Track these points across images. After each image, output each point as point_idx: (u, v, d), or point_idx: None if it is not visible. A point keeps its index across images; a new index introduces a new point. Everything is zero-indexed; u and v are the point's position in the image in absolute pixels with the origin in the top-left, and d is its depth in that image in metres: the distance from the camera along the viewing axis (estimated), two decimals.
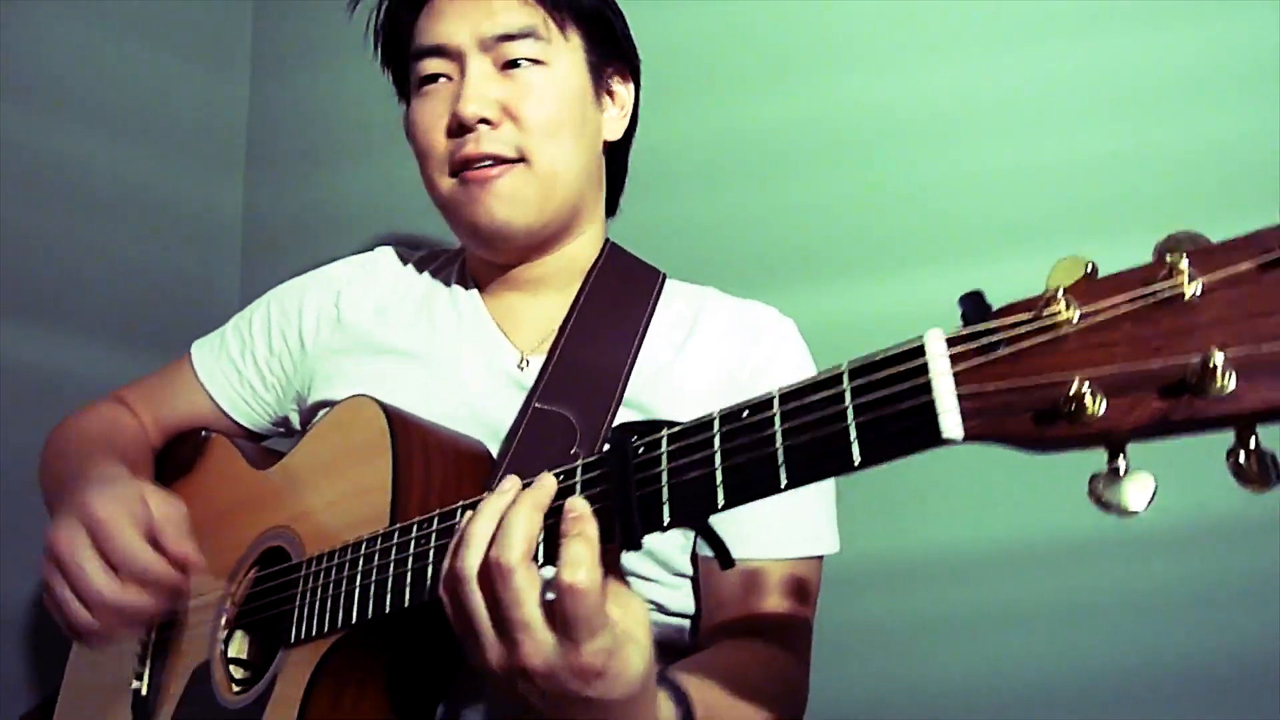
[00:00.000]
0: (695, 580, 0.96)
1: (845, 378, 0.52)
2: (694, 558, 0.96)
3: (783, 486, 0.53)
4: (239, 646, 0.94)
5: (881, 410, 0.49)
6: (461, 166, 0.97)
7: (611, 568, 0.64)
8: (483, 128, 0.96)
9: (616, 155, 1.13)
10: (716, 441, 0.58)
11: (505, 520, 0.63)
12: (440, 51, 0.99)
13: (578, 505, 0.63)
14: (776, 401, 0.56)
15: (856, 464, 0.50)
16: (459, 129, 0.97)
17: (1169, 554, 1.14)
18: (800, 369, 1.02)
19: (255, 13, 1.90)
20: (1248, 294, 0.39)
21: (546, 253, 1.05)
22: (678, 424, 0.62)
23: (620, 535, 0.62)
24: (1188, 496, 1.08)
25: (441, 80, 1.00)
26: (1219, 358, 0.38)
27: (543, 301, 1.06)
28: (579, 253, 1.07)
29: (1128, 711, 1.15)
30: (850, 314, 1.30)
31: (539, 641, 0.60)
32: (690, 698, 0.71)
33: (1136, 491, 0.42)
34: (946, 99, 1.32)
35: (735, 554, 0.89)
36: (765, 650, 0.87)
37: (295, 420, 1.14)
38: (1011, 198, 1.27)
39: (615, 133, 1.08)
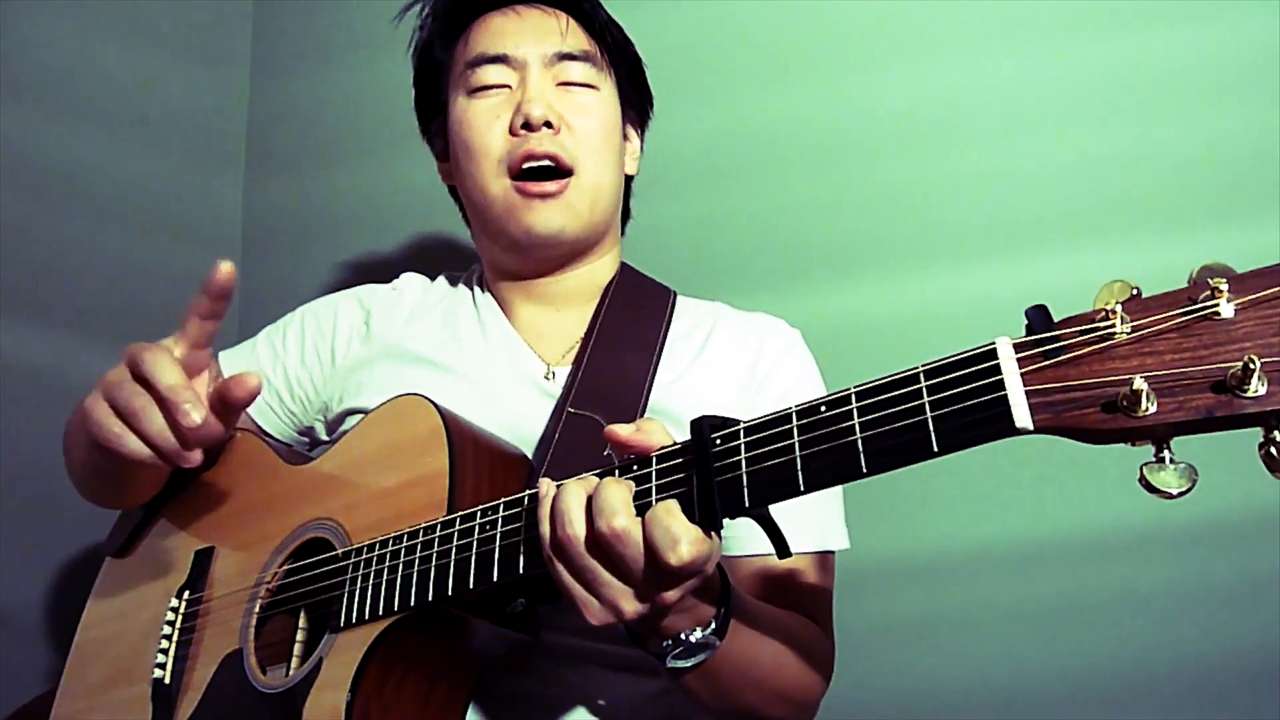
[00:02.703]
0: None
1: (921, 377, 0.60)
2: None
3: (864, 472, 0.61)
4: (271, 634, 0.96)
5: (957, 404, 0.57)
6: (522, 161, 1.04)
7: None
8: (545, 130, 1.04)
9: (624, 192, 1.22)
10: (795, 434, 0.65)
11: (600, 493, 0.69)
12: (504, 60, 1.08)
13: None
14: (854, 398, 0.63)
15: (935, 451, 0.58)
16: (524, 128, 1.04)
17: (1169, 554, 1.18)
18: (806, 375, 1.11)
19: (255, 13, 1.93)
20: (1277, 314, 0.48)
21: (571, 267, 1.13)
22: (752, 419, 0.69)
23: (700, 516, 0.68)
24: (1187, 497, 1.17)
25: (499, 89, 1.08)
26: (1257, 364, 0.47)
27: (563, 316, 1.13)
28: (597, 272, 1.15)
29: (1128, 711, 1.18)
30: (850, 313, 1.36)
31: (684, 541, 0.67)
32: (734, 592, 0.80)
33: (1179, 479, 0.51)
34: (946, 99, 1.36)
35: (753, 550, 0.97)
36: (799, 616, 0.95)
37: (321, 431, 1.18)
38: (1011, 198, 1.31)
39: (632, 169, 1.19)
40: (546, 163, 1.04)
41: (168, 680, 0.99)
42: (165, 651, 1.01)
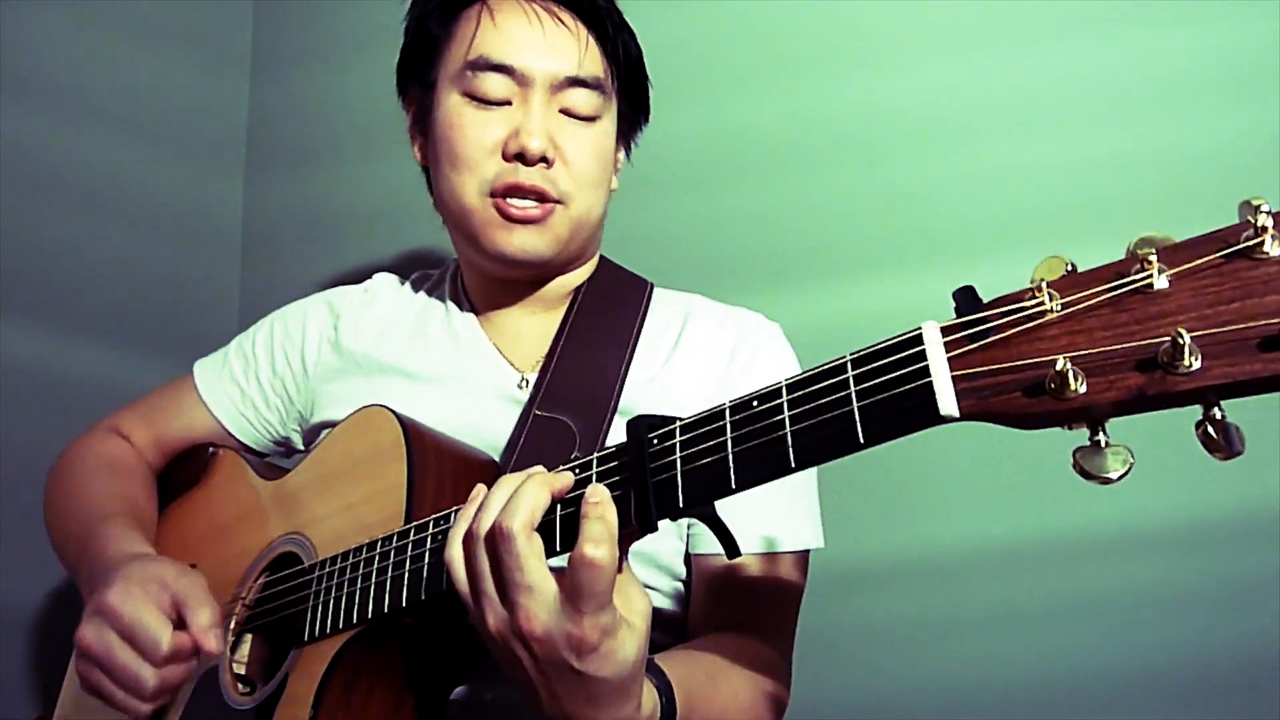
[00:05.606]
0: (687, 583, 1.00)
1: (848, 366, 0.57)
2: (687, 559, 0.99)
3: (793, 467, 0.58)
4: (247, 650, 0.96)
5: (883, 393, 0.54)
6: (505, 192, 0.98)
7: (623, 558, 0.67)
8: (541, 165, 0.98)
9: None
10: (728, 430, 0.62)
11: (517, 491, 0.67)
12: (508, 72, 0.99)
13: (599, 491, 0.66)
14: (784, 390, 0.60)
15: (861, 443, 0.54)
16: (517, 157, 0.98)
17: (1169, 554, 1.15)
18: (786, 368, 1.06)
19: (255, 13, 1.92)
20: (1210, 284, 0.44)
21: (550, 279, 1.09)
22: (689, 417, 0.66)
23: (636, 519, 0.65)
24: (1187, 497, 1.13)
25: (499, 105, 1.00)
26: (1186, 339, 0.43)
27: (538, 319, 1.09)
28: (575, 275, 1.11)
29: (1128, 711, 1.16)
30: (849, 314, 1.33)
31: (539, 605, 0.64)
32: (671, 683, 0.75)
33: (1115, 462, 0.47)
34: (946, 99, 1.33)
35: (718, 548, 0.93)
36: (745, 642, 0.90)
37: (297, 441, 1.17)
38: (1011, 198, 1.28)
39: (614, 184, 1.12)
40: (532, 200, 0.99)
41: None
42: None
